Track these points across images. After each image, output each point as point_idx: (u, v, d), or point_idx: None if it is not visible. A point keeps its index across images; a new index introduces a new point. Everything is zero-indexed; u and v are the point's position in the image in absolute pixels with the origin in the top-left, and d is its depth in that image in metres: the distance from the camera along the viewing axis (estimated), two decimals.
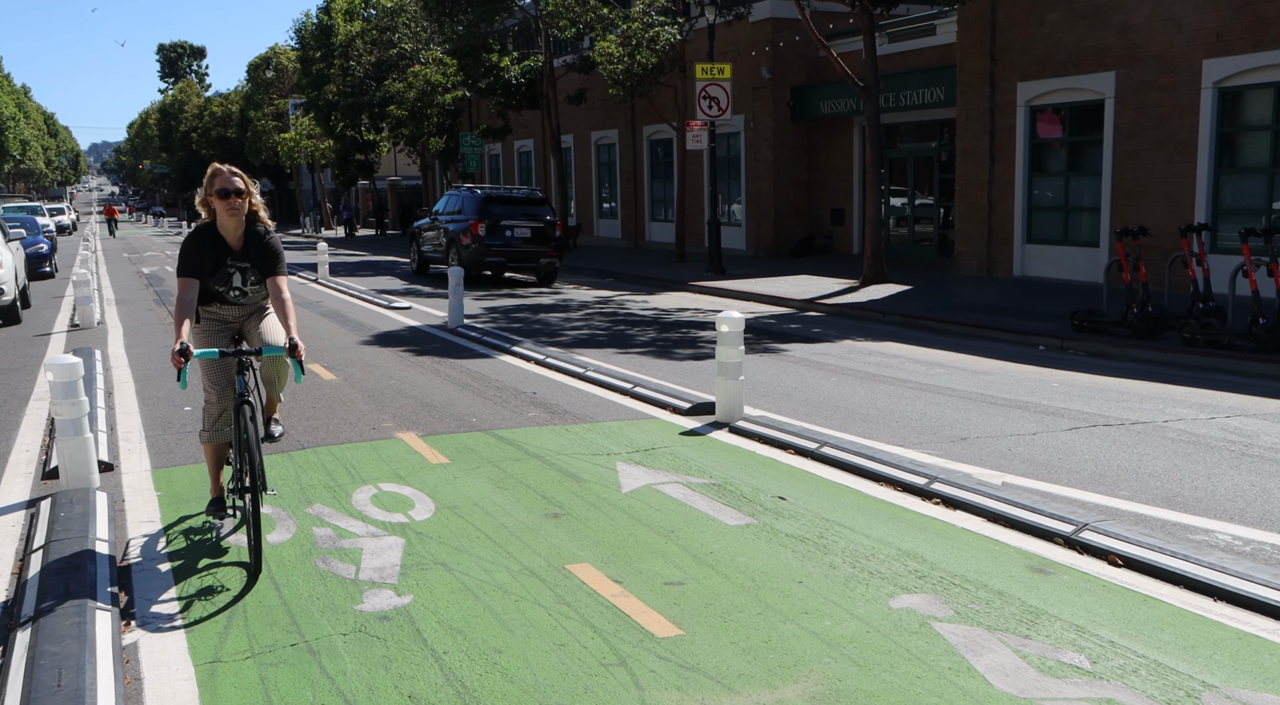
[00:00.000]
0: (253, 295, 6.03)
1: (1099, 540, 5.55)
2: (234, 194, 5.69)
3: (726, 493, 6.77)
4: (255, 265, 5.86)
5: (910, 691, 4.03)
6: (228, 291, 5.94)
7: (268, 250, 5.84)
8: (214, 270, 5.82)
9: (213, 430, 5.98)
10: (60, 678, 4.15)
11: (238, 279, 5.90)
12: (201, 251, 5.77)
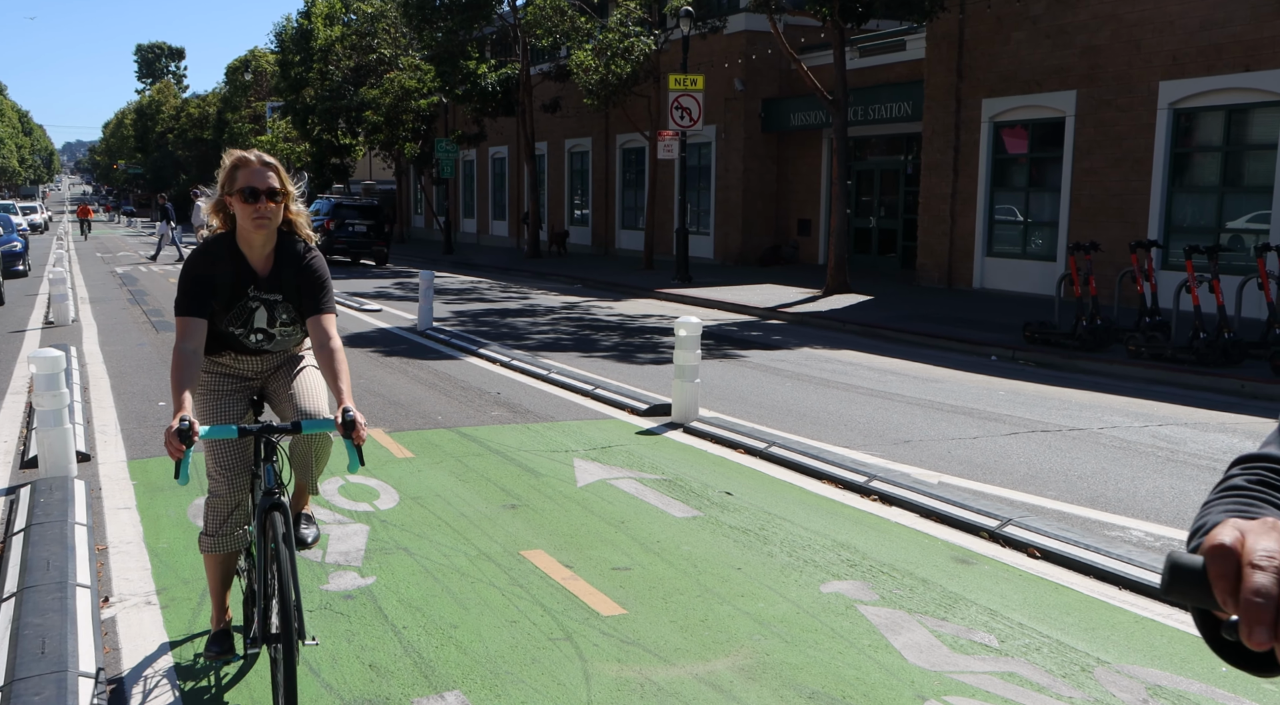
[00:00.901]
0: (282, 340, 4.26)
1: (1021, 534, 5.95)
2: (265, 196, 3.93)
3: (676, 487, 7.14)
4: (290, 298, 4.12)
5: (831, 665, 4.40)
6: (247, 335, 4.17)
7: (309, 276, 4.09)
8: (229, 304, 4.07)
9: (218, 534, 4.24)
10: (44, 646, 4.46)
11: (262, 317, 4.14)
12: (212, 277, 4.00)
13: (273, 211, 3.99)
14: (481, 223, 47.38)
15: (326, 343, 4.02)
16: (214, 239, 4.11)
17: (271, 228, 4.03)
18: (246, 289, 4.10)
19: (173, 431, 3.48)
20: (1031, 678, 4.29)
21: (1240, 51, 17.32)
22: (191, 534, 6.18)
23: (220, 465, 4.19)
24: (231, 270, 4.06)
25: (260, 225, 3.97)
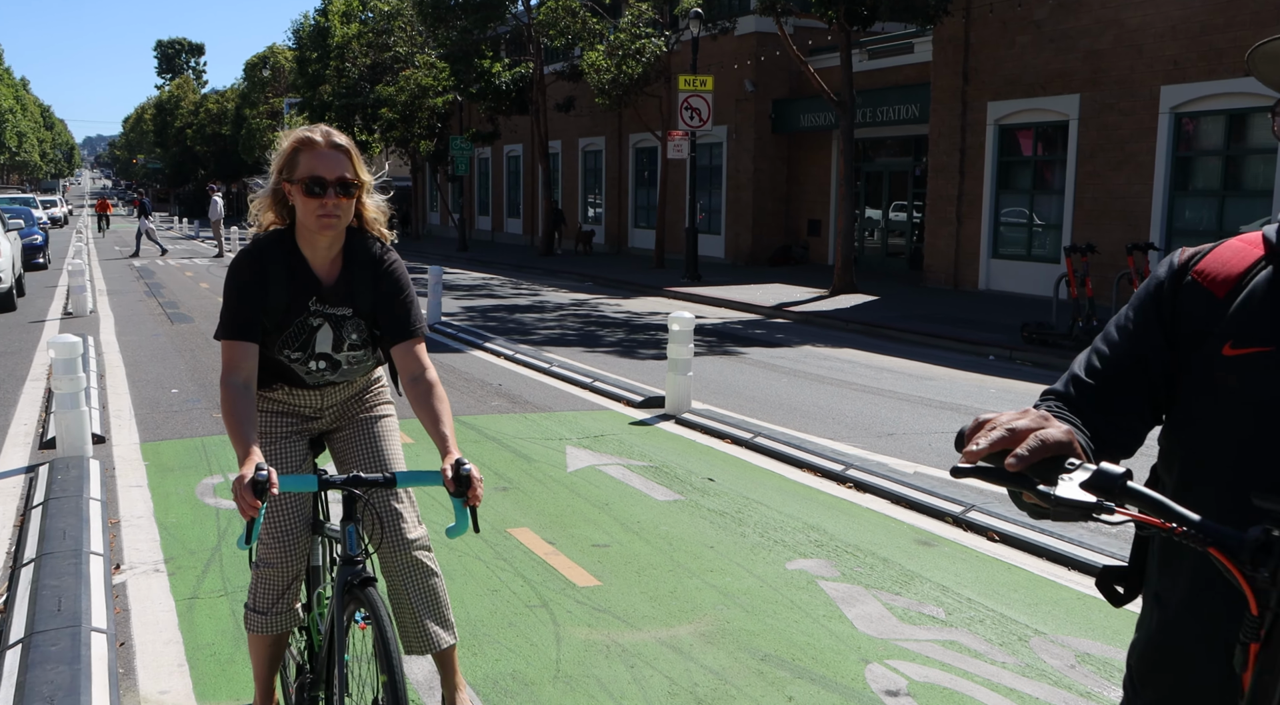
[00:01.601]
0: (349, 369, 3.40)
1: (982, 519, 6.27)
2: (335, 188, 3.07)
3: (662, 474, 7.47)
4: (362, 313, 3.29)
5: (786, 632, 4.73)
6: (305, 361, 3.31)
7: (390, 285, 3.26)
8: (284, 321, 3.23)
9: (272, 612, 3.40)
10: (60, 605, 4.83)
11: (326, 339, 3.29)
12: (262, 288, 3.16)
13: (343, 209, 3.10)
14: (496, 220, 47.79)
15: (421, 375, 3.18)
16: (267, 238, 3.22)
17: (340, 227, 3.15)
18: (307, 302, 3.20)
19: (245, 484, 2.64)
20: (971, 645, 4.61)
21: (1240, 56, 17.47)
22: (199, 510, 6.55)
23: (275, 528, 3.33)
24: (287, 277, 3.17)
25: (326, 225, 3.09)
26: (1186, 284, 1.71)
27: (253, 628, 3.43)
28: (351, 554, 2.94)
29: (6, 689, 4.09)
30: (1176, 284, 1.72)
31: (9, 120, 73.14)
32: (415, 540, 3.41)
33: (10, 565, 5.65)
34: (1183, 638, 1.64)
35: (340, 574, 2.95)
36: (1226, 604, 1.51)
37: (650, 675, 4.29)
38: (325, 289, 3.23)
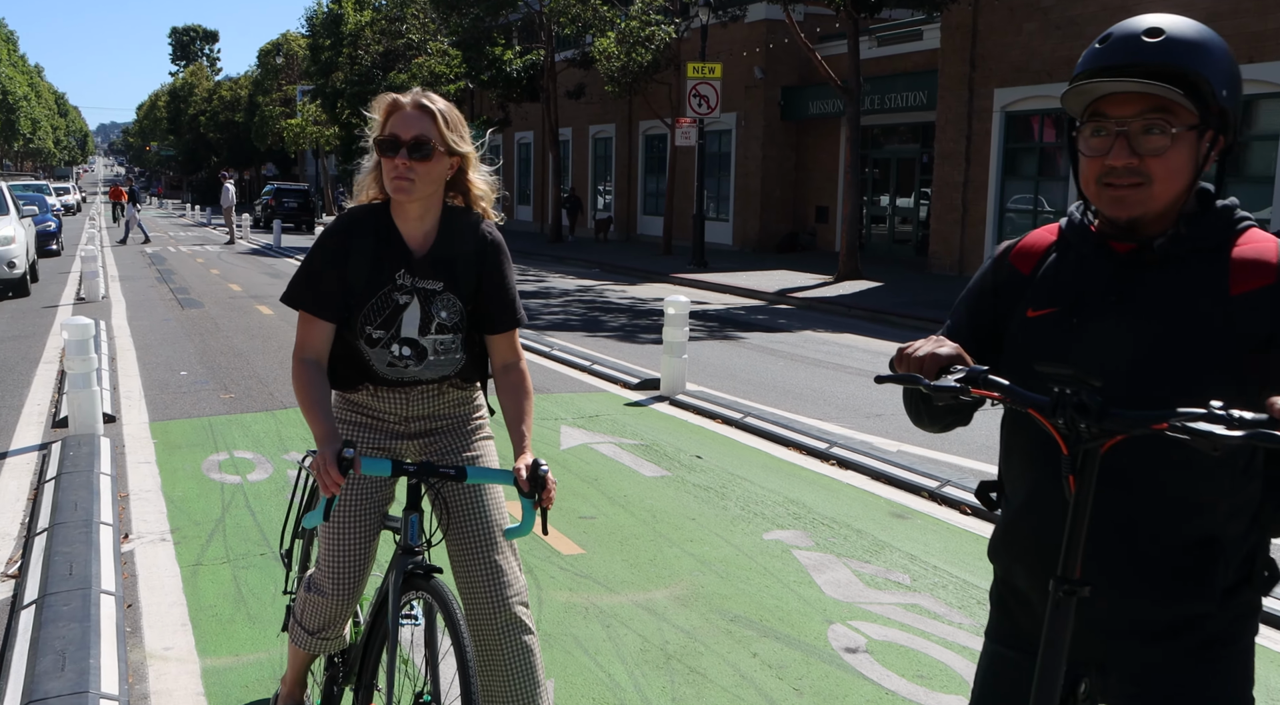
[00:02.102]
0: (436, 361, 3.04)
1: (956, 493, 6.50)
2: (407, 148, 2.86)
3: (651, 451, 7.72)
4: (457, 289, 3.03)
5: (756, 595, 4.98)
6: (388, 344, 3.00)
7: (492, 261, 3.07)
8: (368, 290, 2.98)
9: (319, 636, 3.21)
10: (71, 569, 5.10)
11: (413, 319, 2.99)
12: (344, 255, 2.98)
13: (418, 172, 2.86)
14: (507, 207, 48.04)
15: (514, 363, 3.09)
16: (360, 208, 3.05)
17: (420, 194, 2.91)
18: (394, 274, 2.98)
19: (329, 460, 2.60)
20: (931, 608, 4.85)
21: (1244, 43, 17.65)
22: (204, 485, 6.82)
23: (336, 564, 3.06)
24: (373, 246, 2.98)
25: (400, 188, 2.87)
26: (1005, 267, 2.17)
27: (297, 642, 3.24)
28: (412, 544, 2.85)
29: (22, 644, 4.37)
30: (998, 268, 2.18)
31: (22, 107, 73.65)
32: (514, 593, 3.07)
33: (24, 534, 5.93)
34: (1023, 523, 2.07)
35: (399, 563, 2.81)
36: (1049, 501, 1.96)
37: (624, 634, 4.54)
38: (416, 260, 2.99)
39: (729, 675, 4.17)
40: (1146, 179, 1.90)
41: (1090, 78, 1.92)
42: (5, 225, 17.94)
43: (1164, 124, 1.87)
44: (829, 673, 4.19)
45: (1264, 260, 1.93)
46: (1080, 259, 2.04)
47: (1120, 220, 1.95)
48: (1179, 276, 1.94)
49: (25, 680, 4.01)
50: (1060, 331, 2.00)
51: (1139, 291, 1.95)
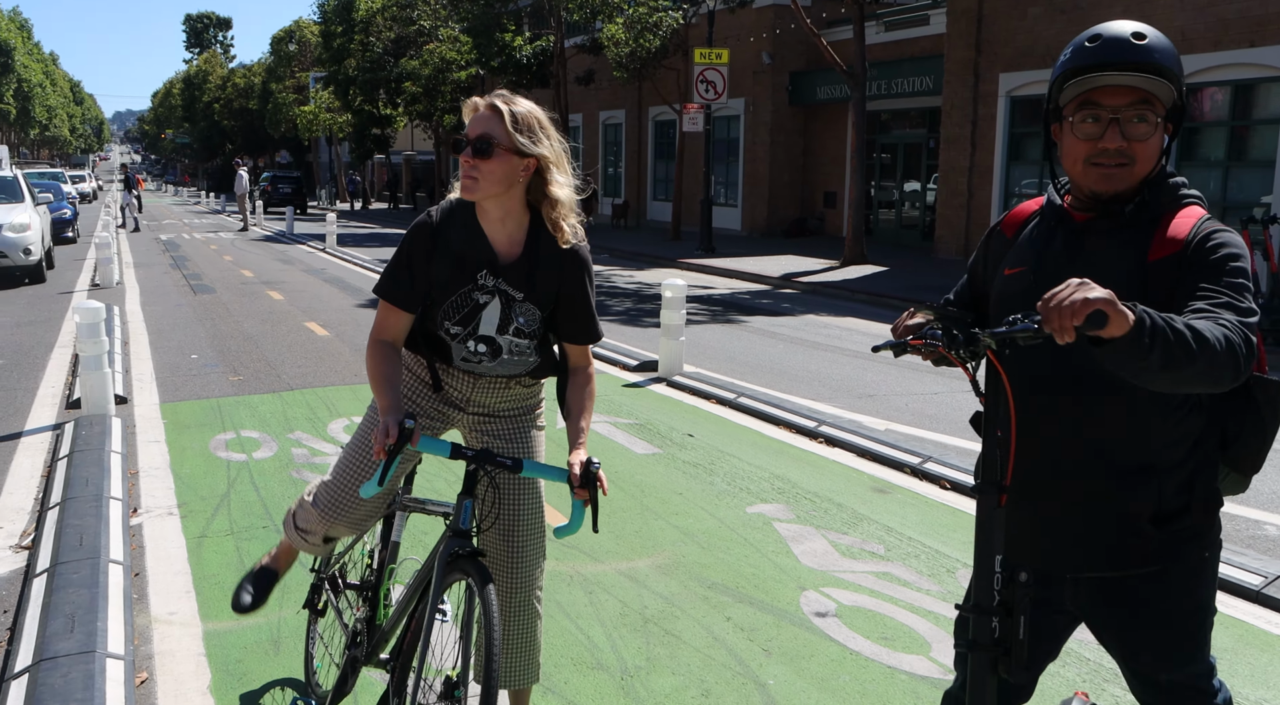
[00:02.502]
0: (509, 361, 3.14)
1: (936, 469, 6.70)
2: (471, 147, 2.90)
3: (645, 430, 7.93)
4: (537, 301, 3.07)
5: (735, 564, 5.19)
6: (465, 339, 3.09)
7: (574, 281, 3.10)
8: (450, 286, 3.05)
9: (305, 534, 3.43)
10: (81, 540, 5.35)
11: (492, 318, 3.07)
12: (429, 250, 3.06)
13: (483, 171, 2.89)
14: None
15: (583, 368, 3.17)
16: (455, 203, 3.08)
17: (485, 192, 2.93)
18: (477, 274, 3.03)
19: (391, 424, 2.73)
20: (902, 576, 5.06)
21: (1246, 27, 17.70)
22: (211, 463, 7.07)
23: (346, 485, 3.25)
24: (460, 244, 3.03)
25: (465, 186, 2.93)
26: (996, 235, 2.61)
27: (286, 531, 3.49)
28: (463, 528, 2.90)
29: (34, 609, 4.61)
30: (990, 237, 2.63)
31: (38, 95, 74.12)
32: (534, 584, 3.31)
33: (38, 509, 6.19)
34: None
35: (447, 544, 2.88)
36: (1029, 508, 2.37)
37: (605, 599, 4.76)
38: (502, 265, 3.02)
39: (702, 637, 4.39)
40: (1131, 160, 2.26)
41: (1090, 72, 2.24)
42: (21, 213, 18.23)
43: (1149, 113, 2.24)
44: (797, 635, 4.40)
45: (1179, 232, 2.27)
46: (1048, 227, 2.45)
47: (1106, 194, 2.30)
48: (1116, 242, 2.32)
49: (37, 641, 4.26)
50: (1024, 286, 2.38)
51: (1085, 255, 2.35)
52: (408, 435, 2.73)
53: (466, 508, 2.93)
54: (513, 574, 3.21)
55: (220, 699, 3.91)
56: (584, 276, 3.10)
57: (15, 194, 19.53)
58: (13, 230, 17.67)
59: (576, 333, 3.15)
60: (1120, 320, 1.89)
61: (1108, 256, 2.31)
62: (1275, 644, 4.35)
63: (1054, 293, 1.94)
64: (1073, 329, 1.91)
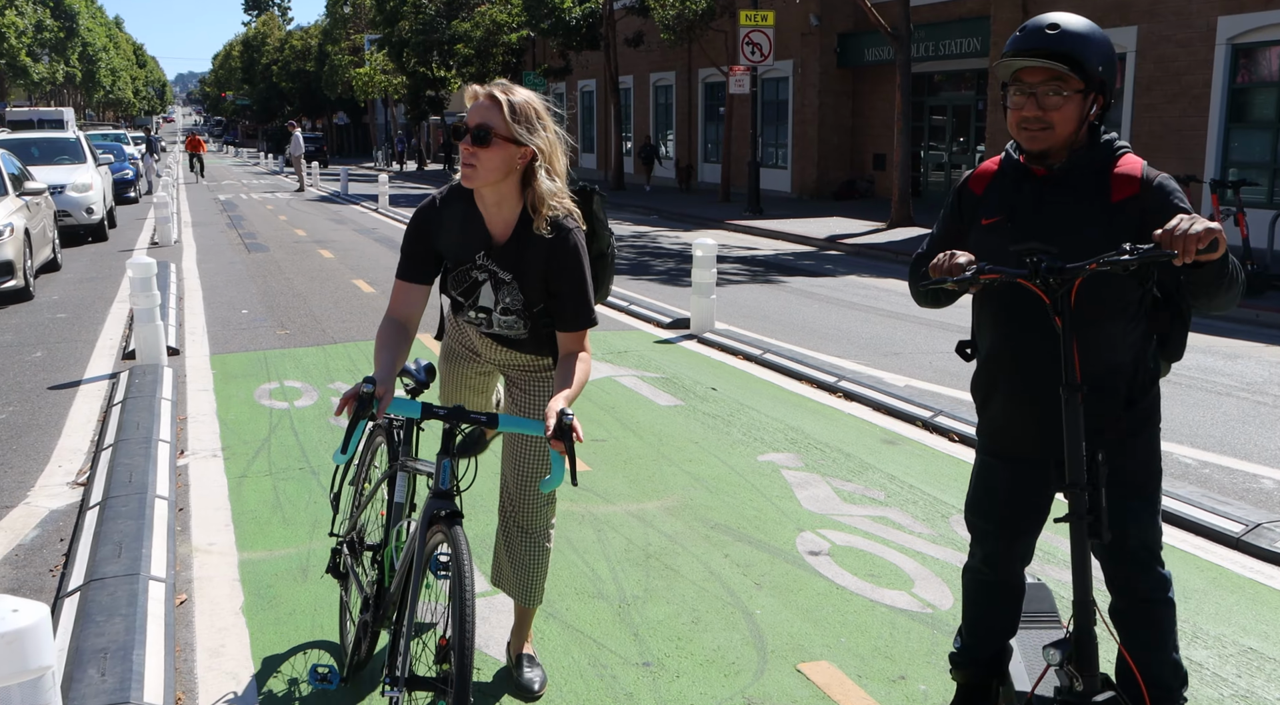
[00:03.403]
0: (502, 333, 3.42)
1: (946, 423, 6.90)
2: (470, 136, 3.06)
3: (670, 383, 8.20)
4: (525, 285, 3.27)
5: (739, 507, 5.46)
6: (465, 309, 3.44)
7: (561, 263, 3.19)
8: (453, 265, 3.35)
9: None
10: (131, 477, 5.74)
11: (487, 296, 3.34)
12: (429, 232, 3.30)
13: (481, 158, 3.04)
14: (571, 155, 48.36)
15: (577, 353, 3.23)
16: (456, 186, 3.25)
17: (483, 180, 3.09)
18: (474, 254, 3.26)
19: (353, 389, 2.82)
20: (898, 520, 5.30)
21: None
22: (255, 410, 7.45)
23: None
24: (459, 226, 3.26)
25: (465, 174, 3.09)
26: (965, 192, 3.05)
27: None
28: (443, 488, 2.95)
29: (87, 537, 5.00)
30: (960, 193, 3.06)
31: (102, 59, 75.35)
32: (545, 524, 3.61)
33: (93, 450, 6.60)
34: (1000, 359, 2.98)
35: (428, 506, 2.95)
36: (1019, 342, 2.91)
37: (613, 537, 5.06)
38: (495, 247, 3.23)
39: (699, 571, 4.67)
40: (1049, 125, 2.75)
41: (1012, 57, 2.78)
42: (84, 173, 18.81)
43: (1059, 87, 2.74)
44: (789, 571, 4.67)
45: (1133, 176, 2.82)
46: (1014, 181, 2.92)
47: (1033, 151, 2.82)
48: (1076, 190, 2.84)
49: (88, 565, 4.64)
50: (1003, 233, 2.88)
51: (1051, 202, 2.85)
52: (367, 401, 2.78)
53: (445, 468, 2.98)
54: (525, 515, 3.56)
55: (251, 619, 4.26)
56: (571, 263, 3.17)
57: (78, 155, 20.13)
58: (76, 190, 18.25)
59: (565, 318, 3.22)
60: (1223, 247, 2.48)
61: (1071, 202, 2.84)
62: (1244, 587, 4.54)
63: (1174, 225, 2.50)
64: (1195, 251, 2.46)
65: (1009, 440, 2.99)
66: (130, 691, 3.53)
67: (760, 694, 3.64)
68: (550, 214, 3.15)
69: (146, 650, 3.83)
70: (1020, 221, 2.86)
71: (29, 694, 2.03)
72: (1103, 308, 2.81)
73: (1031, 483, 2.98)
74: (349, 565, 3.81)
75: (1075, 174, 2.84)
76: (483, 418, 2.90)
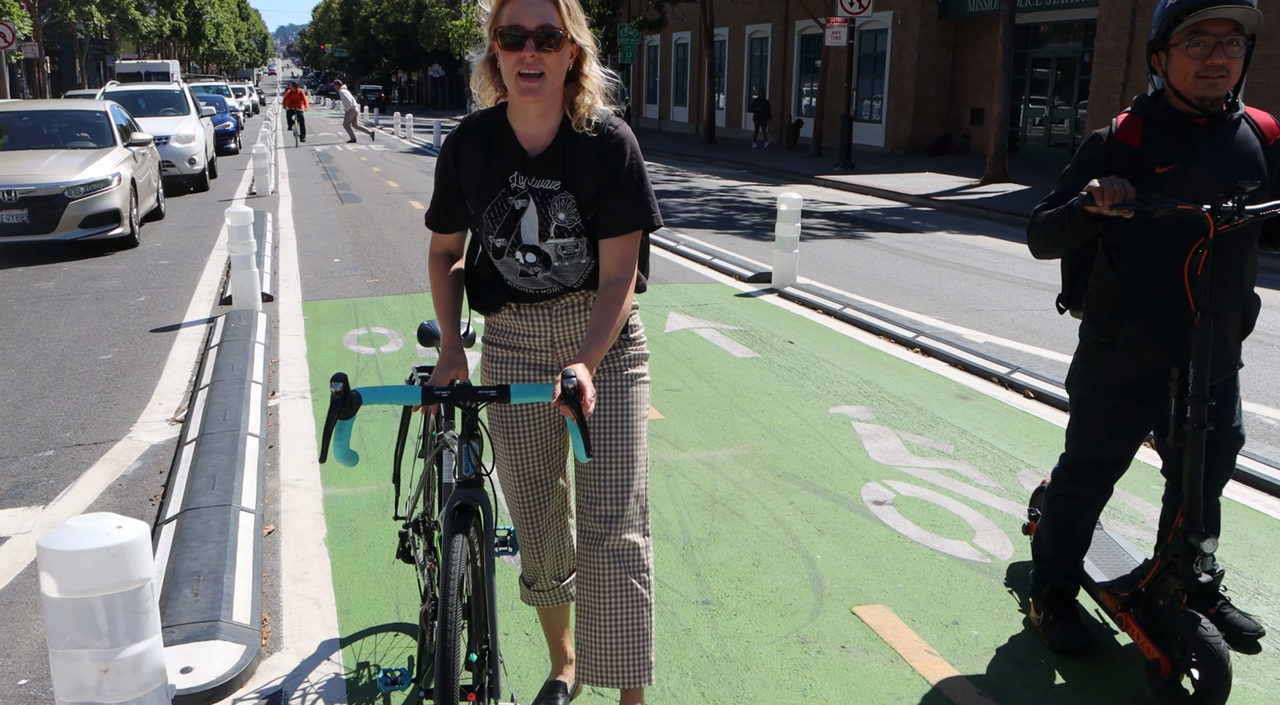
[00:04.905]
0: (560, 268, 2.82)
1: (1023, 379, 6.87)
2: (534, 40, 2.59)
3: (747, 336, 8.27)
4: (574, 188, 2.75)
5: (807, 457, 5.54)
6: (511, 251, 2.81)
7: (611, 158, 2.74)
8: (484, 195, 2.79)
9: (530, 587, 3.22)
10: (225, 416, 6.02)
11: (531, 224, 2.78)
12: (456, 165, 2.83)
13: (547, 64, 2.60)
14: (664, 108, 48.28)
15: (614, 278, 2.72)
16: (477, 113, 2.83)
17: (545, 90, 2.63)
18: (508, 177, 2.76)
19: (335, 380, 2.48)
20: (965, 473, 5.33)
21: None
22: (343, 354, 7.71)
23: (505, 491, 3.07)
24: (486, 150, 2.78)
25: (528, 88, 2.62)
26: (1115, 146, 3.27)
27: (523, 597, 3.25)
28: (467, 475, 2.67)
29: (183, 471, 5.28)
30: (1110, 148, 3.27)
31: (207, 13, 76.91)
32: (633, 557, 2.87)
33: (190, 390, 6.92)
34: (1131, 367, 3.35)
35: (452, 497, 2.67)
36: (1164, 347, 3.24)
37: (681, 482, 5.18)
38: (531, 160, 2.74)
39: (763, 517, 4.77)
40: (1227, 73, 3.04)
41: (1199, 8, 3.01)
42: (186, 125, 19.37)
43: (1240, 38, 3.04)
44: (851, 519, 4.75)
45: (1270, 123, 3.26)
46: (1176, 131, 3.18)
47: (1211, 97, 3.09)
48: (1237, 136, 3.19)
49: (184, 495, 4.91)
50: (1183, 177, 3.16)
51: (1221, 147, 3.17)
52: (338, 402, 2.46)
53: (467, 453, 2.67)
54: (595, 503, 2.88)
55: (333, 549, 4.48)
56: (625, 154, 2.73)
57: (182, 107, 20.72)
58: (179, 141, 18.80)
59: (615, 219, 2.72)
60: None
61: (1239, 146, 3.18)
62: None
63: None
64: None
65: (1145, 375, 3.32)
66: (221, 610, 3.77)
67: (814, 633, 3.75)
68: (593, 116, 2.73)
69: (236, 574, 4.07)
70: (1200, 165, 3.16)
71: (130, 602, 2.21)
72: (1247, 241, 3.20)
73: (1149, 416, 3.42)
74: (415, 551, 3.53)
75: (1230, 121, 3.18)
76: (492, 392, 2.55)
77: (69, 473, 5.49)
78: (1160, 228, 3.18)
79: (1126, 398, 3.40)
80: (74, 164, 12.45)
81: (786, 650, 3.64)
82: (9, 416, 6.43)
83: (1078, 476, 3.58)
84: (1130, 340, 3.32)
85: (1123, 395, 3.40)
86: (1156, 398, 3.35)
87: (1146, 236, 3.23)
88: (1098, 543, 3.97)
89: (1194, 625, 3.12)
